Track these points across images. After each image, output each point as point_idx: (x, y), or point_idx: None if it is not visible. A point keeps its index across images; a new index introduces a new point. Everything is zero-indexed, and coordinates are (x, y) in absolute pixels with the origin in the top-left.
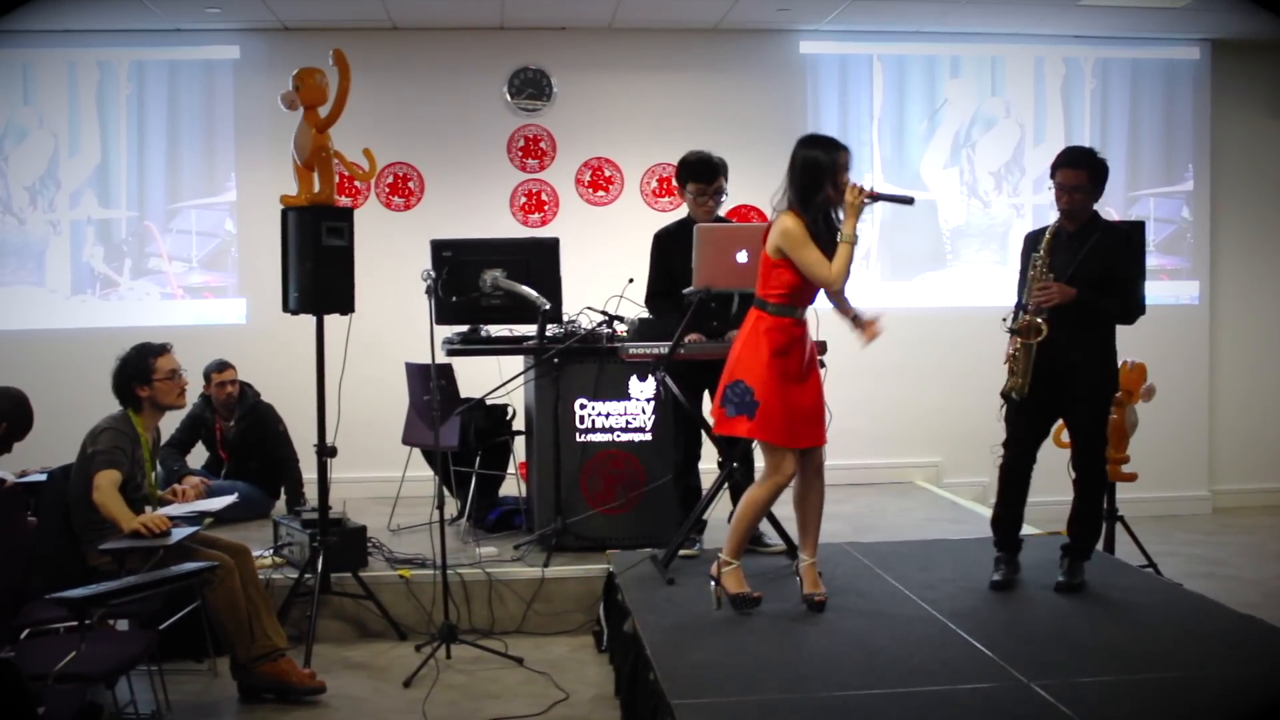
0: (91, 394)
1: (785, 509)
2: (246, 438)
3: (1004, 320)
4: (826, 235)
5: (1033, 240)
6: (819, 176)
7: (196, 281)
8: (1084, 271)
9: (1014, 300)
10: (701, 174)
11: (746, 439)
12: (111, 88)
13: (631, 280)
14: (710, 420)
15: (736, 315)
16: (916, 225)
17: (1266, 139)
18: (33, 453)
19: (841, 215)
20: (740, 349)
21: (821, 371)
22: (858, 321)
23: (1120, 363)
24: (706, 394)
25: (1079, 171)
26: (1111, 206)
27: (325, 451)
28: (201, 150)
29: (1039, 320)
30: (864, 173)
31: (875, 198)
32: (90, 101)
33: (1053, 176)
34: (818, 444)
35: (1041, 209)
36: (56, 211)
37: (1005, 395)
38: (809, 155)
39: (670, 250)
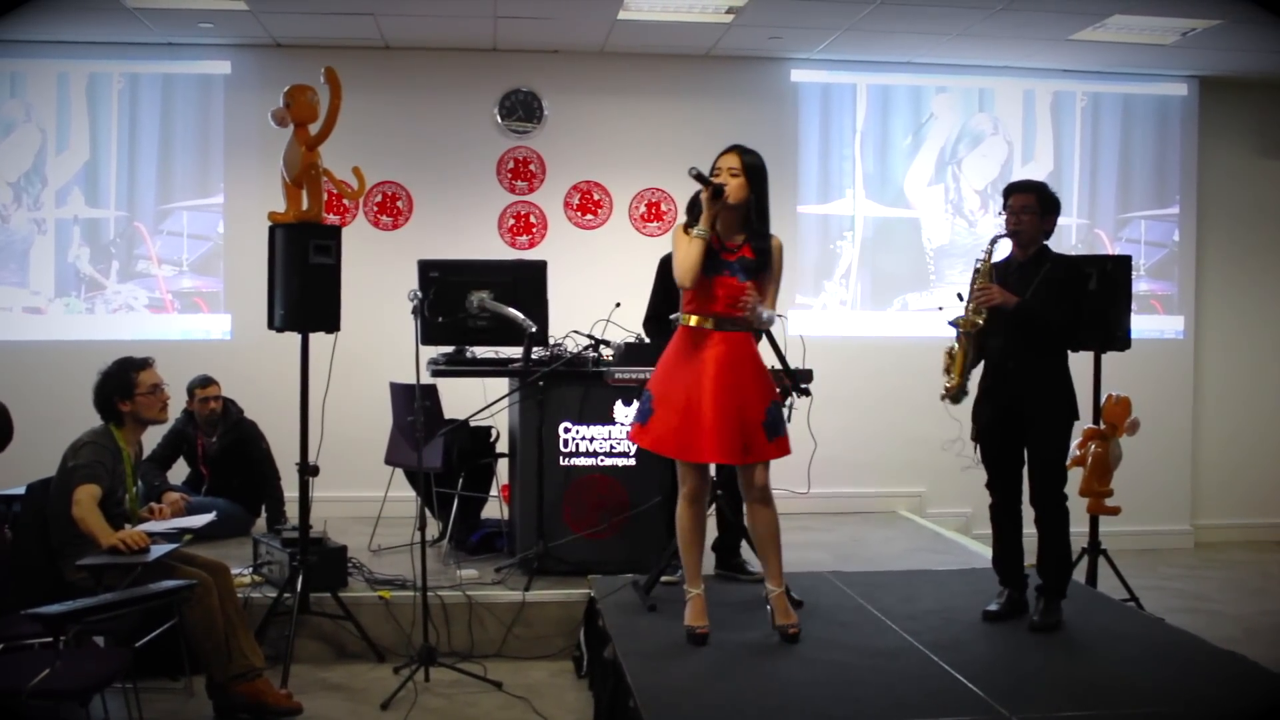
0: (72, 407)
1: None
2: (228, 454)
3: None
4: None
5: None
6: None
7: (186, 286)
8: (1034, 299)
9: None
10: None
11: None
12: (103, 90)
13: (619, 304)
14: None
15: None
16: (899, 245)
17: (1252, 176)
18: (12, 466)
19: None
20: None
21: (790, 398)
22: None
23: (1105, 396)
24: None
25: (1028, 195)
26: (1102, 229)
27: (307, 470)
28: (193, 161)
29: (976, 318)
30: (845, 189)
31: (707, 188)
32: (80, 100)
33: (1005, 204)
34: (721, 460)
35: None
36: (42, 209)
37: (952, 396)
38: None
39: (671, 274)
